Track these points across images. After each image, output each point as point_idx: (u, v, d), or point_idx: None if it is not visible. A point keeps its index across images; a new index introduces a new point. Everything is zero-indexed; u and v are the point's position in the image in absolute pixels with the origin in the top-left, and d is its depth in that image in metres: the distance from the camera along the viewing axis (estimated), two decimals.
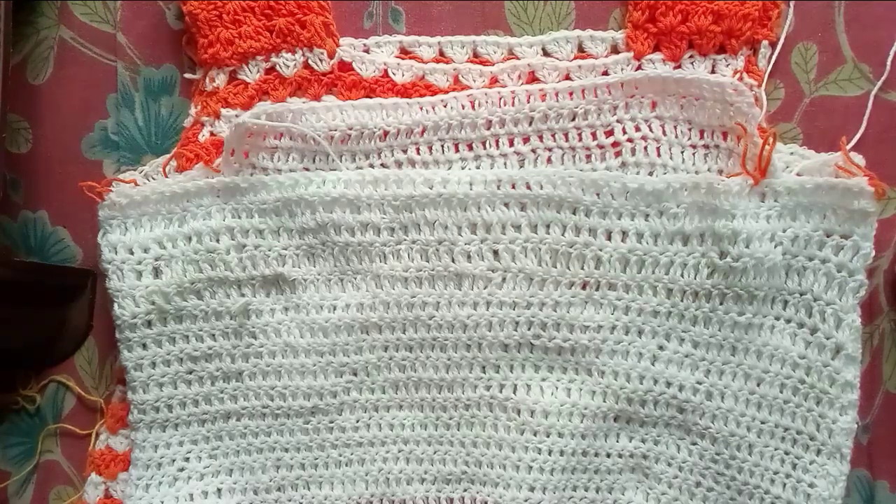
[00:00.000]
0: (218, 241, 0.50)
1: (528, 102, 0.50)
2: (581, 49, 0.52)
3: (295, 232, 0.50)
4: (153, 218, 0.51)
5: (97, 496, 0.53)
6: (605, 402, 0.51)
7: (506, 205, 0.50)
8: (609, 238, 0.49)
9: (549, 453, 0.51)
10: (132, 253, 0.51)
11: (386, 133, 0.51)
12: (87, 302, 0.55)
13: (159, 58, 0.54)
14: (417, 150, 0.51)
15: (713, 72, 0.50)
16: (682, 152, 0.50)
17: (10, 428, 0.56)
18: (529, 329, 0.50)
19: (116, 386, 0.54)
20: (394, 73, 0.52)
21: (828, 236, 0.47)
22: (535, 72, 0.51)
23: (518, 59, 0.52)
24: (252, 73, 0.52)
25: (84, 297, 0.55)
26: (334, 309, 0.51)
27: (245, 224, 0.50)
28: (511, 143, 0.51)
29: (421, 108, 0.51)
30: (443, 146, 0.51)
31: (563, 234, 0.50)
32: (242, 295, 0.51)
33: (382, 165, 0.51)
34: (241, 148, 0.50)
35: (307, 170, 0.51)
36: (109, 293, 0.51)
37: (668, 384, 0.50)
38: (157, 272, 0.51)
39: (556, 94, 0.50)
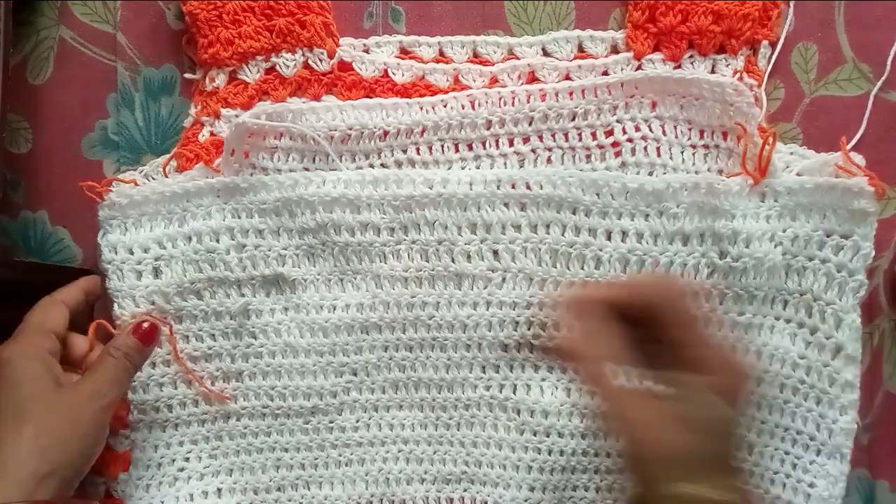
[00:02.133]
0: (218, 241, 0.50)
1: (528, 102, 0.50)
2: (581, 49, 0.52)
3: (295, 232, 0.50)
4: (153, 218, 0.51)
5: (99, 496, 0.53)
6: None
7: (506, 205, 0.50)
8: (609, 238, 0.50)
9: (549, 453, 0.51)
10: (132, 253, 0.51)
11: (386, 133, 0.51)
12: None
13: (159, 58, 0.54)
14: (417, 150, 0.51)
15: (713, 72, 0.50)
16: (682, 152, 0.50)
17: None
18: (529, 329, 0.50)
19: None
20: (394, 73, 0.52)
21: (828, 236, 0.47)
22: (535, 72, 0.51)
23: (518, 59, 0.52)
24: (252, 73, 0.52)
25: None
26: (334, 309, 0.51)
27: (245, 224, 0.50)
28: (511, 143, 0.51)
29: (421, 108, 0.51)
30: (443, 146, 0.51)
31: (563, 234, 0.50)
32: (242, 295, 0.51)
33: (382, 165, 0.51)
34: (241, 148, 0.50)
35: (307, 170, 0.51)
36: (109, 293, 0.51)
37: None
38: (157, 272, 0.51)
39: (556, 94, 0.50)
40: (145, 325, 0.48)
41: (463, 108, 0.50)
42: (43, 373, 0.44)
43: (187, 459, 0.52)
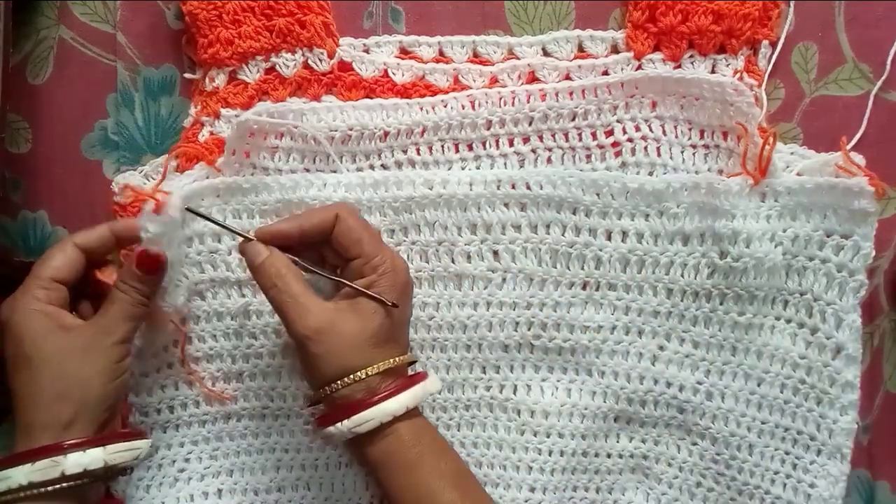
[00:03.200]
0: (219, 241, 0.50)
1: (528, 102, 0.50)
2: (581, 49, 0.52)
3: None
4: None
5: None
6: (605, 402, 0.51)
7: (506, 205, 0.50)
8: (609, 238, 0.50)
9: (550, 454, 0.51)
10: None
11: (386, 133, 0.51)
12: None
13: (159, 58, 0.54)
14: (417, 150, 0.51)
15: (713, 72, 0.50)
16: (682, 152, 0.50)
17: (13, 429, 0.56)
18: (529, 329, 0.50)
19: None
20: (394, 73, 0.52)
21: (828, 236, 0.47)
22: (535, 72, 0.51)
23: (518, 58, 0.52)
24: (252, 73, 0.52)
25: None
26: None
27: (246, 225, 0.50)
28: (511, 144, 0.51)
29: (421, 109, 0.51)
30: (443, 146, 0.51)
31: (563, 235, 0.50)
32: (243, 296, 0.51)
33: (382, 166, 0.51)
34: (242, 148, 0.50)
35: (307, 170, 0.51)
36: None
37: (669, 384, 0.50)
38: None
39: (556, 94, 0.50)
40: (150, 253, 0.45)
41: (463, 108, 0.50)
42: (44, 323, 0.44)
43: (188, 460, 0.52)
